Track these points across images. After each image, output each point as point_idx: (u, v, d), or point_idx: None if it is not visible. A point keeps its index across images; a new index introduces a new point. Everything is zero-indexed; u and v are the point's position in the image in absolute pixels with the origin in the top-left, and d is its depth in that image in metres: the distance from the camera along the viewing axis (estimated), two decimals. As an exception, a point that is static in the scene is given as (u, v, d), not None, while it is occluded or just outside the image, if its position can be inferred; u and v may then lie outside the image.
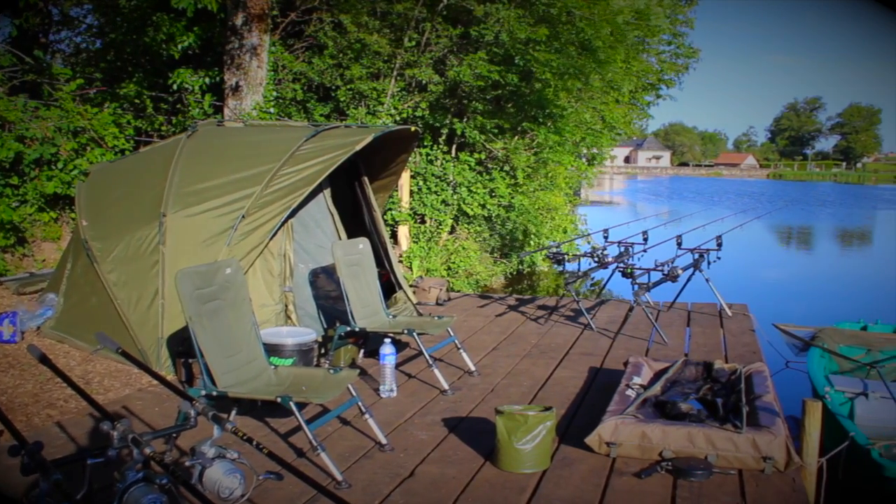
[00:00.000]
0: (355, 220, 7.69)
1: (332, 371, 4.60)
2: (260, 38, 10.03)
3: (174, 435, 3.09)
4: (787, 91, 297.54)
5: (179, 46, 10.08)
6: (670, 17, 19.48)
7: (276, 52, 11.13)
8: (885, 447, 5.36)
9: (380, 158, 7.76)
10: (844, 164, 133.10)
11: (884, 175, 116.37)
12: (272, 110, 10.42)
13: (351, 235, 6.93)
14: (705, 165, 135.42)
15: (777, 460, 4.30)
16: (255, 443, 2.96)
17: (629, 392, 5.25)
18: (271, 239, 6.13)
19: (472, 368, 6.40)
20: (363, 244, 6.48)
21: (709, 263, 8.55)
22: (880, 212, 45.51)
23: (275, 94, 10.76)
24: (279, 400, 4.07)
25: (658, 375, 5.74)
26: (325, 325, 6.59)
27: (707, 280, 8.73)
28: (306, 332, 5.69)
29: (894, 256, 24.34)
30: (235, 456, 2.72)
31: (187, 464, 2.68)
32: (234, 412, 4.63)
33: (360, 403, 4.63)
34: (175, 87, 10.34)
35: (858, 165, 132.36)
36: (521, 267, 14.33)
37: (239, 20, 9.86)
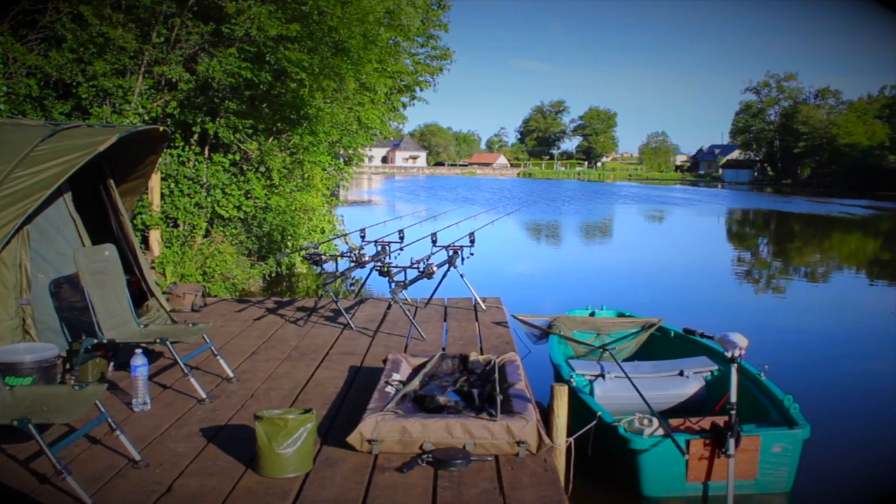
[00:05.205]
0: (101, 226, 7.27)
1: (77, 387, 4.35)
2: (-14, 28, 9.20)
3: None
4: (535, 94, 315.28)
5: None
6: (424, 19, 19.87)
7: (6, 42, 10.23)
8: (628, 423, 5.85)
9: (127, 160, 7.39)
10: (587, 163, 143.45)
11: (620, 173, 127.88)
12: (2, 107, 9.59)
13: (97, 242, 6.56)
14: (460, 165, 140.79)
15: (530, 444, 4.60)
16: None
17: (389, 389, 5.37)
18: (4, 248, 5.66)
19: (231, 375, 6.28)
20: (109, 251, 6.17)
21: (463, 260, 8.91)
22: (617, 206, 49.44)
23: (5, 89, 9.90)
24: (15, 423, 3.79)
25: (417, 370, 5.91)
26: (70, 339, 6.18)
27: (462, 276, 9.11)
28: (47, 347, 5.34)
29: (623, 246, 26.64)
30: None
31: None
32: (-36, 439, 4.25)
33: (109, 419, 4.39)
34: None
35: (599, 164, 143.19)
36: (279, 269, 14.16)
37: (-40, 8, 9.00)
